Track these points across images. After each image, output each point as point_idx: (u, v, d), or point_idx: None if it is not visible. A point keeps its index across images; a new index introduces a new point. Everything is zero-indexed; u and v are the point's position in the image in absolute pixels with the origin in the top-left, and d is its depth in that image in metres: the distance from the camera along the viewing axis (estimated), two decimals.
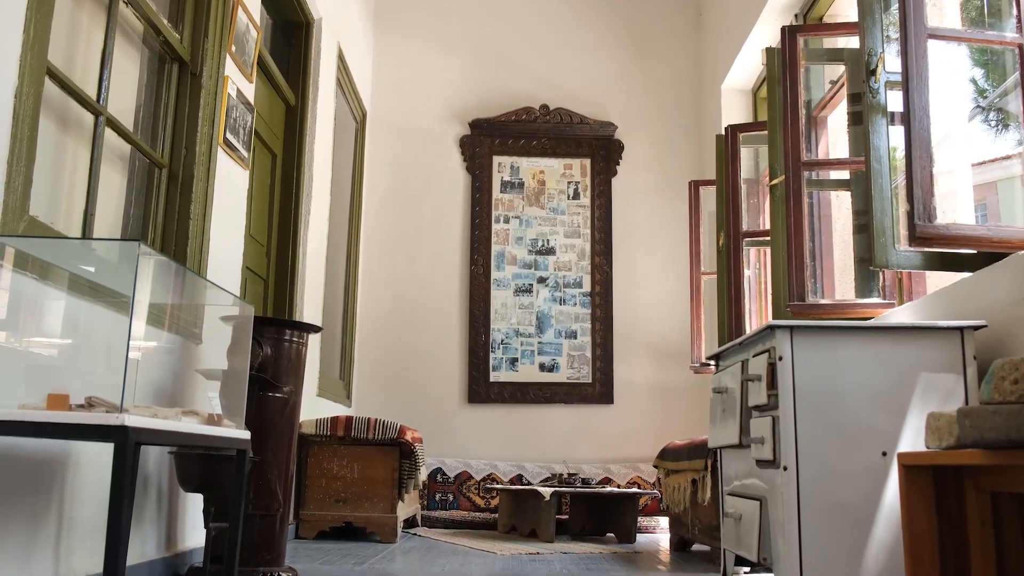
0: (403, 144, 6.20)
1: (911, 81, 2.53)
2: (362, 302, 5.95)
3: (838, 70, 4.57)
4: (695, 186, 5.59)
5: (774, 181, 3.90)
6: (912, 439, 2.27)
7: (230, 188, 3.32)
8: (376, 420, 4.29)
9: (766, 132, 4.99)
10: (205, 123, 3.03)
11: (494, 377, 5.95)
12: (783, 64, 3.69)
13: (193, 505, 2.89)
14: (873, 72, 2.90)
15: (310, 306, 4.56)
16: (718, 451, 2.97)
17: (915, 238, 2.43)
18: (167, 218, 2.92)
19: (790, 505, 2.24)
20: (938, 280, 3.69)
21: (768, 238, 4.81)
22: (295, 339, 2.84)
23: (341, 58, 5.19)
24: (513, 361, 5.98)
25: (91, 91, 2.45)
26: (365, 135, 6.00)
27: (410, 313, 6.01)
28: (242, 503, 2.21)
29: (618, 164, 6.25)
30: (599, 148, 6.24)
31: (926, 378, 2.30)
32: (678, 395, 5.97)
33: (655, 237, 6.19)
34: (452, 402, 5.93)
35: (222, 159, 3.20)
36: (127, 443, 1.56)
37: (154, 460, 2.61)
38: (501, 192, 6.18)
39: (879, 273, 3.56)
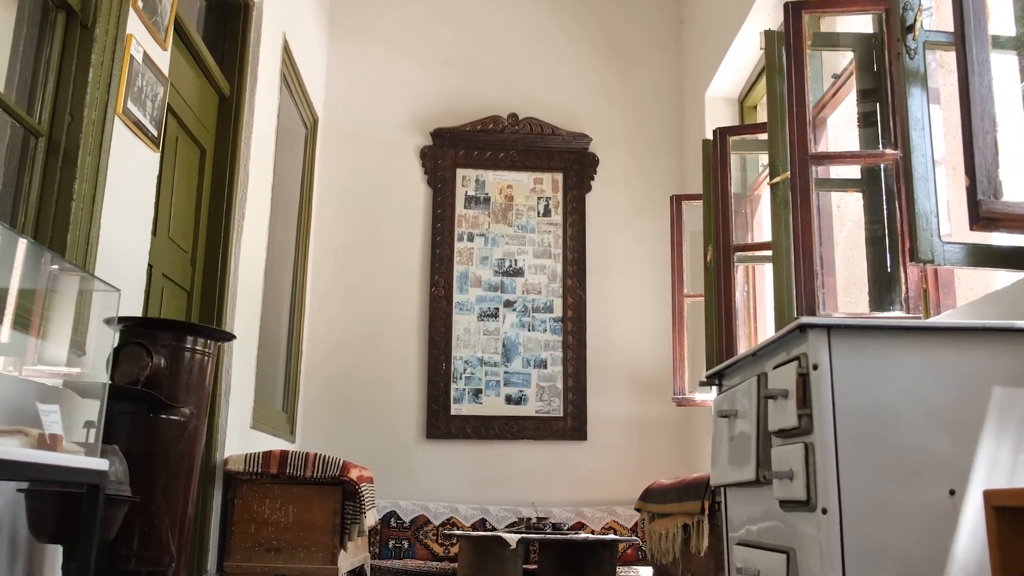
0: (358, 154, 5.67)
1: (967, 26, 2.04)
2: (310, 325, 5.37)
3: (839, 64, 4.12)
4: (677, 201, 5.11)
5: (776, 179, 3.41)
6: (988, 472, 1.74)
7: (132, 170, 2.76)
8: (315, 456, 3.70)
9: (757, 136, 4.54)
10: (98, 87, 2.48)
11: (455, 410, 5.38)
12: (787, 46, 3.21)
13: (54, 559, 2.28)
14: (911, 29, 2.42)
15: (244, 324, 3.98)
16: (721, 490, 2.43)
17: (979, 219, 1.93)
18: (44, 197, 2.35)
19: (831, 559, 1.69)
20: (967, 292, 3.20)
21: (762, 252, 4.32)
22: (199, 348, 2.28)
23: (287, 51, 4.67)
24: (477, 392, 5.41)
25: None
26: (316, 143, 5.47)
27: (364, 338, 5.43)
28: (92, 555, 1.62)
29: (592, 179, 5.76)
30: (572, 162, 5.75)
31: (1002, 393, 1.78)
32: (658, 431, 5.43)
33: (633, 258, 5.68)
34: (409, 437, 5.34)
35: (121, 133, 2.65)
36: None
37: (5, 501, 2.01)
38: (465, 208, 5.66)
39: (899, 283, 3.07)
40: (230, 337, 2.42)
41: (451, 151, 5.69)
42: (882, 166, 3.25)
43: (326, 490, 3.68)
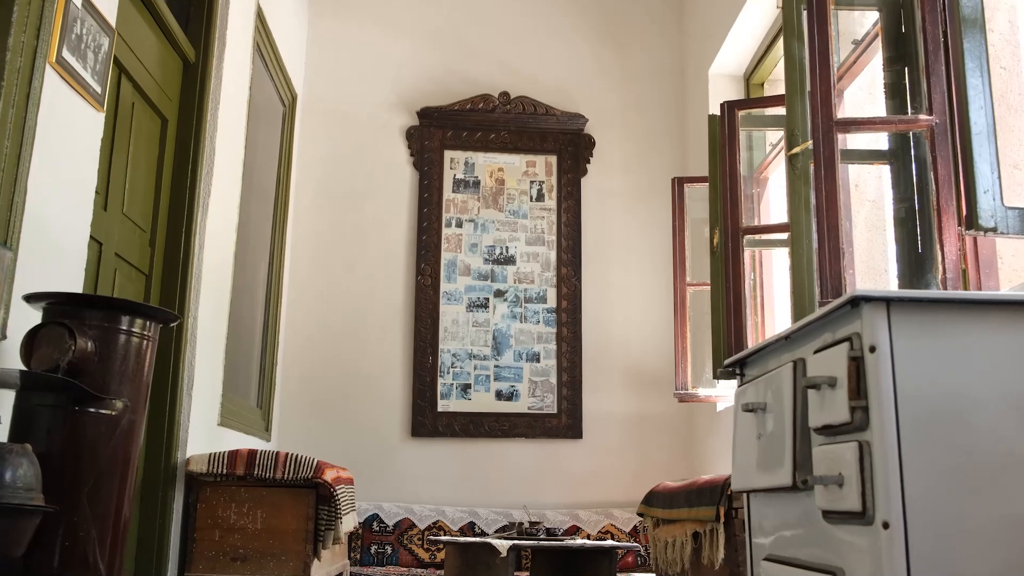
0: (340, 134, 5.33)
1: None
2: (287, 316, 5.03)
3: (855, 31, 3.81)
4: (679, 184, 4.79)
5: (795, 149, 3.08)
6: None
7: (69, 129, 2.42)
8: (287, 455, 3.36)
9: (766, 111, 4.22)
10: (23, 29, 2.14)
11: (443, 406, 5.04)
12: (809, 3, 2.90)
13: None
14: None
15: (209, 311, 3.65)
16: (743, 496, 2.10)
17: None
18: None
19: None
20: (1011, 273, 2.89)
21: (774, 235, 4.01)
22: (137, 331, 1.94)
23: (261, 20, 4.33)
24: (465, 388, 5.08)
25: None
26: (295, 122, 5.13)
27: (345, 330, 5.09)
28: None
29: (589, 162, 5.43)
30: (567, 143, 5.42)
31: None
32: (659, 428, 5.11)
33: (631, 245, 5.36)
34: (393, 436, 5.01)
35: (55, 85, 2.31)
36: None
37: None
38: (453, 192, 5.32)
39: (935, 263, 2.75)
40: (174, 318, 2.08)
41: (438, 131, 5.36)
42: (912, 136, 2.94)
43: (298, 493, 3.34)
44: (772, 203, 4.76)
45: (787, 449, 1.72)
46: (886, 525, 1.40)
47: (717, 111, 3.87)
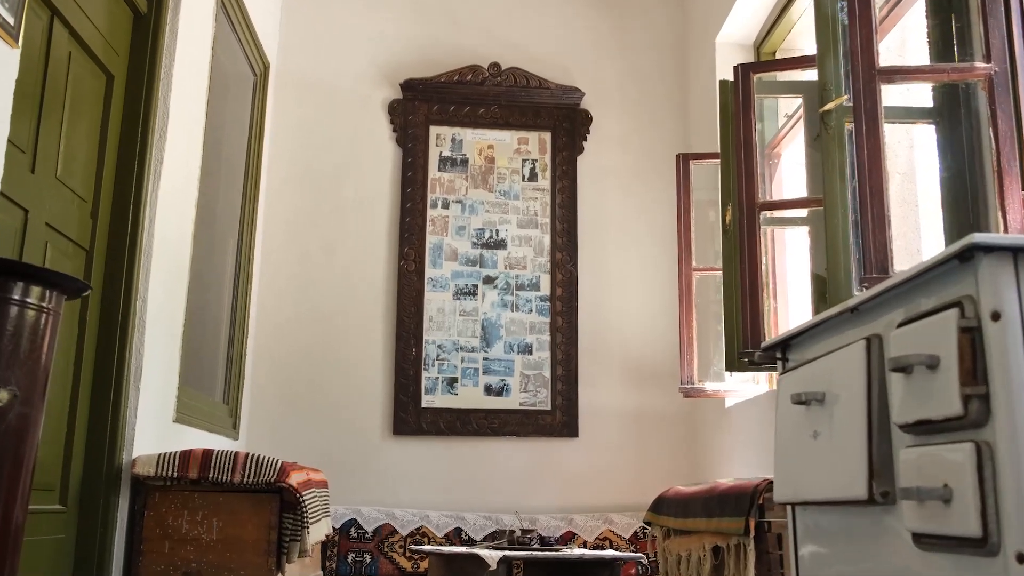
0: (317, 107, 4.93)
1: None
2: (259, 303, 4.62)
3: None
4: (684, 160, 4.41)
5: (828, 105, 2.70)
6: None
7: None
8: (247, 456, 2.96)
9: (778, 76, 3.84)
10: None
11: (427, 402, 4.65)
12: None
13: None
14: None
15: (162, 294, 3.24)
16: (788, 509, 1.71)
17: None
18: None
19: None
20: None
21: (792, 212, 3.63)
22: (32, 302, 1.54)
23: None
24: (452, 382, 4.68)
25: None
26: (267, 93, 4.71)
27: (321, 319, 4.69)
28: None
29: (585, 139, 5.04)
30: (562, 119, 5.03)
31: None
32: (661, 425, 4.73)
33: (631, 228, 4.97)
34: (373, 433, 4.61)
35: None
36: None
37: None
38: (439, 170, 4.93)
39: (992, 230, 2.38)
40: (83, 288, 1.68)
41: (423, 105, 4.96)
42: (963, 91, 2.56)
43: (260, 499, 2.94)
44: (785, 181, 4.39)
45: (859, 451, 1.33)
46: (1021, 558, 1.02)
47: (737, 67, 3.47)
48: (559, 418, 4.69)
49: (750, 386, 4.08)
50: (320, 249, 4.76)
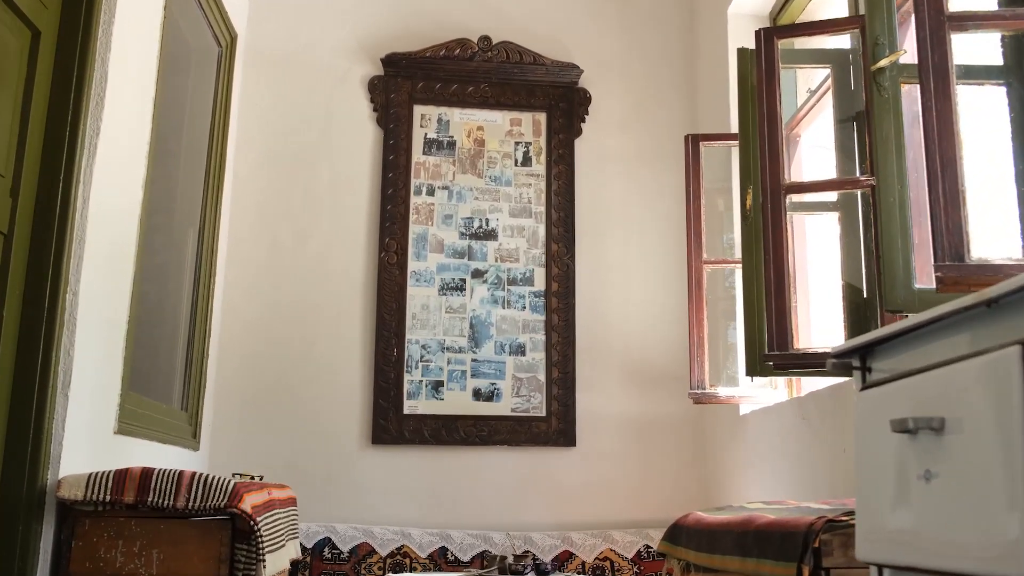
0: (290, 84, 4.49)
1: None
2: (224, 297, 4.18)
3: None
4: (693, 142, 4.01)
5: (881, 62, 2.27)
6: None
7: None
8: (194, 476, 2.53)
9: (810, 41, 3.43)
10: None
11: (409, 408, 4.22)
12: None
13: None
14: None
15: (100, 287, 2.80)
16: (875, 571, 1.29)
17: None
18: None
19: None
20: None
21: (820, 196, 3.22)
22: None
23: None
24: (437, 386, 4.26)
25: None
26: (233, 68, 4.27)
27: (294, 316, 4.26)
28: None
29: (583, 120, 4.62)
30: (558, 98, 4.60)
31: None
32: (667, 433, 4.31)
33: (634, 217, 4.55)
34: (350, 442, 4.18)
35: None
36: None
37: None
38: (424, 153, 4.49)
39: None
40: None
41: (407, 83, 4.52)
42: None
43: (208, 527, 2.51)
44: (805, 166, 3.98)
45: (1015, 501, 0.91)
46: None
47: (759, 31, 3.06)
48: (555, 425, 4.26)
49: (768, 392, 3.68)
50: (292, 239, 4.33)
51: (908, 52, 2.31)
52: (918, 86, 1.96)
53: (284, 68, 4.49)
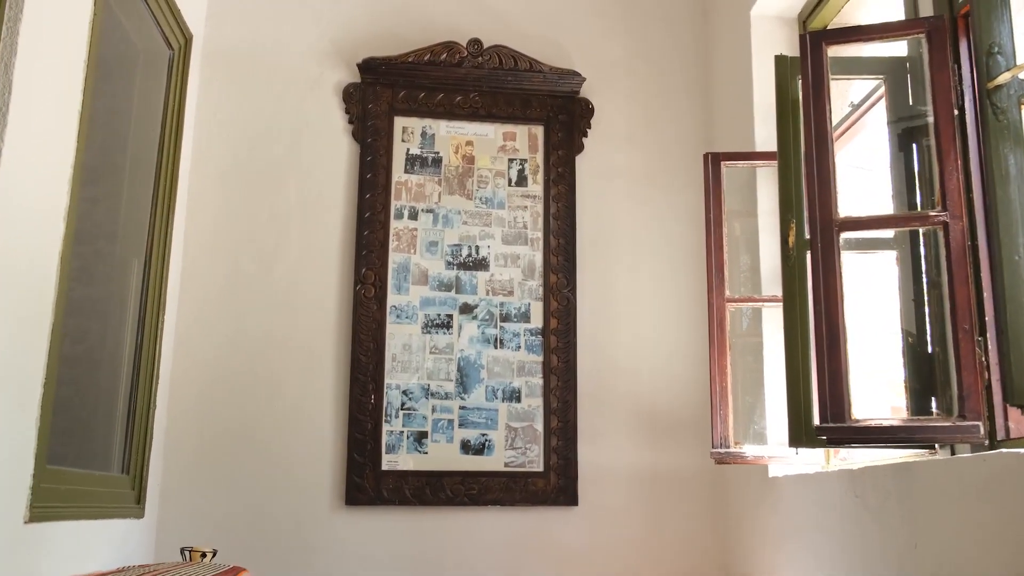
0: (254, 92, 3.96)
1: None
2: (175, 335, 3.65)
3: None
4: (713, 161, 3.51)
5: (999, 79, 1.73)
6: None
7: None
8: None
9: (853, 49, 2.94)
10: None
11: (389, 463, 3.69)
12: None
13: None
14: None
15: (4, 339, 2.26)
16: None
17: None
18: None
19: None
20: None
21: (880, 233, 2.73)
22: None
23: None
24: (420, 437, 3.73)
25: None
26: (188, 73, 3.73)
27: (256, 357, 3.72)
28: None
29: (586, 134, 4.12)
30: (557, 110, 4.09)
31: None
32: (682, 492, 3.80)
33: (643, 245, 4.05)
34: (320, 504, 3.64)
35: None
36: None
37: None
38: (406, 172, 3.97)
39: None
40: None
41: (386, 91, 4.00)
42: None
43: None
44: (841, 191, 3.48)
45: None
46: None
47: (803, 35, 2.56)
48: (554, 482, 3.75)
49: (805, 454, 3.17)
50: (255, 267, 3.79)
51: None
52: None
53: (247, 74, 3.96)
